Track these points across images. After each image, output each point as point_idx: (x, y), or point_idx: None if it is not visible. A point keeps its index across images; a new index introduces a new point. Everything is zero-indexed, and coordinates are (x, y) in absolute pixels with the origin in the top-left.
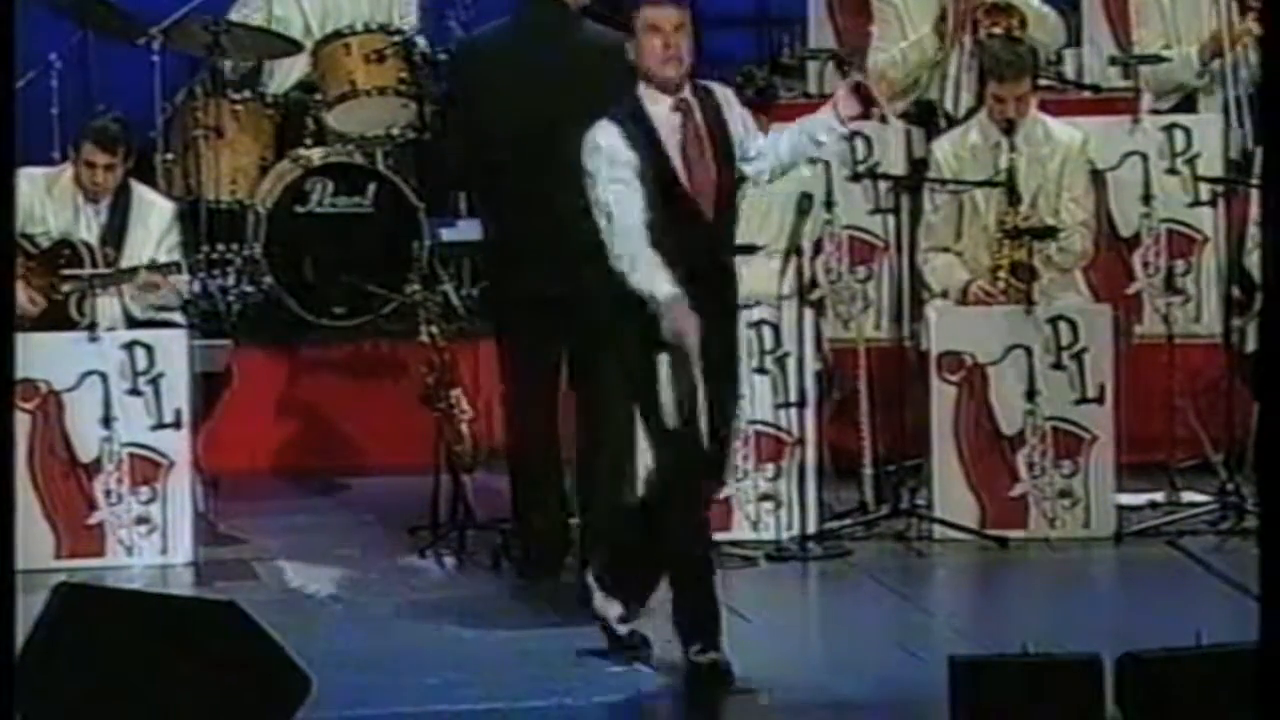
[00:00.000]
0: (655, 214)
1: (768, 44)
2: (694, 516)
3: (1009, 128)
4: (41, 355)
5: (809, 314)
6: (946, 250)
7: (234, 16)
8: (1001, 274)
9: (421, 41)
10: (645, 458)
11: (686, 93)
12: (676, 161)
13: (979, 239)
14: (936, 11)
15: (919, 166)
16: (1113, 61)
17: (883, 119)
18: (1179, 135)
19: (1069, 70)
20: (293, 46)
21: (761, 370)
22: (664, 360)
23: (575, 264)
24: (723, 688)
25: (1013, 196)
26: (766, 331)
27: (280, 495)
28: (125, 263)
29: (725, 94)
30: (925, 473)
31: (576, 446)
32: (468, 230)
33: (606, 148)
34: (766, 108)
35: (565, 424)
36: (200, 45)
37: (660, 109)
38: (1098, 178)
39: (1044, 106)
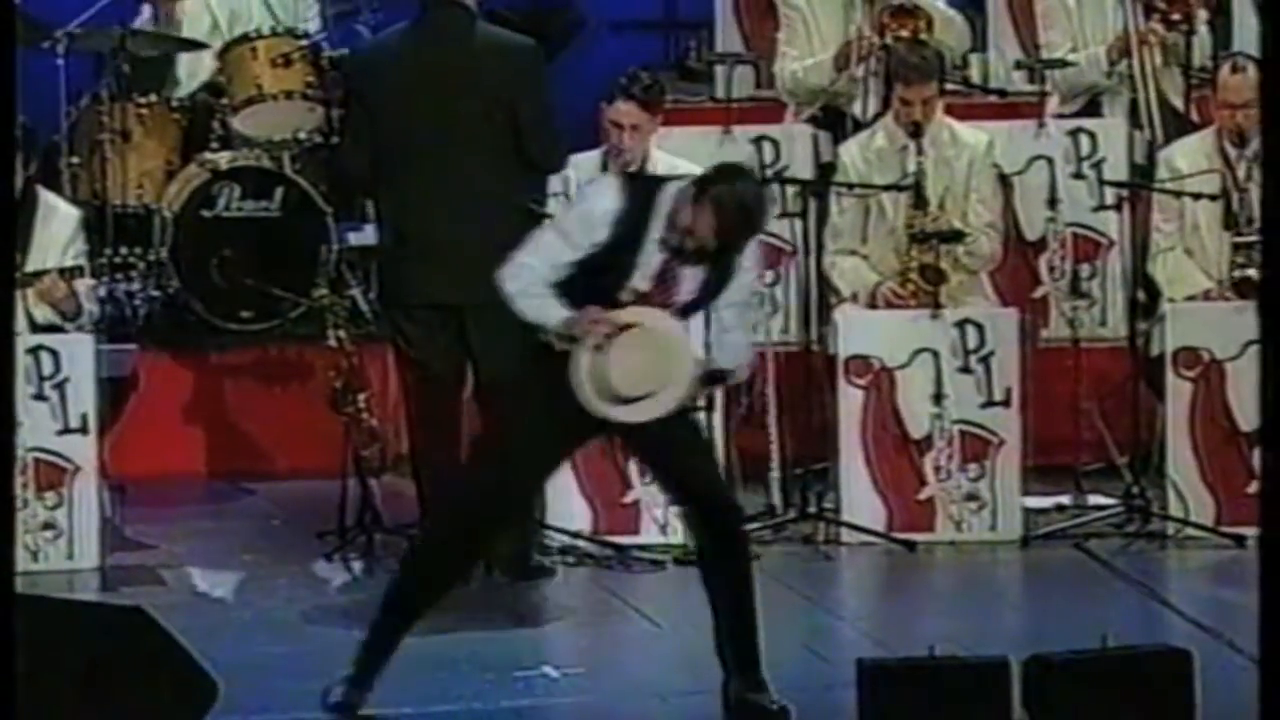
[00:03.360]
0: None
1: (674, 48)
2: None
3: (915, 131)
4: None
5: None
6: (853, 253)
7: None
8: (910, 276)
9: (328, 46)
10: None
11: None
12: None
13: (886, 242)
14: (843, 18)
15: (826, 170)
16: (1019, 65)
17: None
18: (1084, 139)
19: (975, 74)
20: (196, 49)
21: None
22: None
23: (471, 270)
24: None
25: (919, 200)
26: None
27: (187, 500)
28: (30, 267)
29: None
30: (832, 476)
31: None
32: (375, 234)
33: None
34: (653, 108)
35: (473, 425)
36: (105, 49)
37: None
38: (1004, 181)
39: (950, 110)
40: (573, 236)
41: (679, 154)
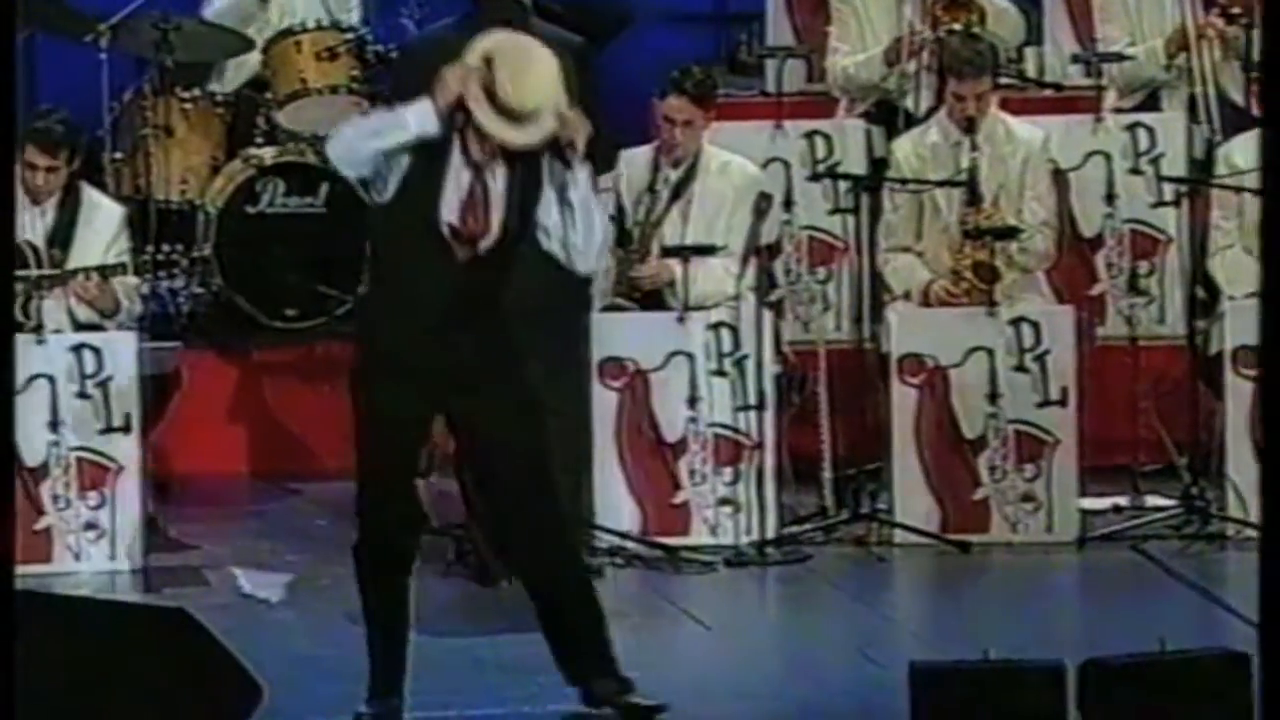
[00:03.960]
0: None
1: (725, 42)
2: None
3: (969, 126)
4: None
5: (768, 316)
6: (907, 250)
7: (207, 11)
8: (964, 274)
9: (374, 39)
10: None
11: None
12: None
13: (939, 239)
14: (895, 12)
15: (879, 166)
16: (1075, 59)
17: None
18: (1142, 134)
19: (1030, 68)
20: (243, 44)
21: (720, 373)
22: None
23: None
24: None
25: (974, 196)
26: (725, 333)
27: (231, 500)
28: (72, 264)
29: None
30: (886, 477)
31: None
32: None
33: None
34: (705, 103)
35: None
36: (148, 43)
37: None
38: (1060, 177)
39: (1005, 105)
40: (385, 122)
41: (730, 149)
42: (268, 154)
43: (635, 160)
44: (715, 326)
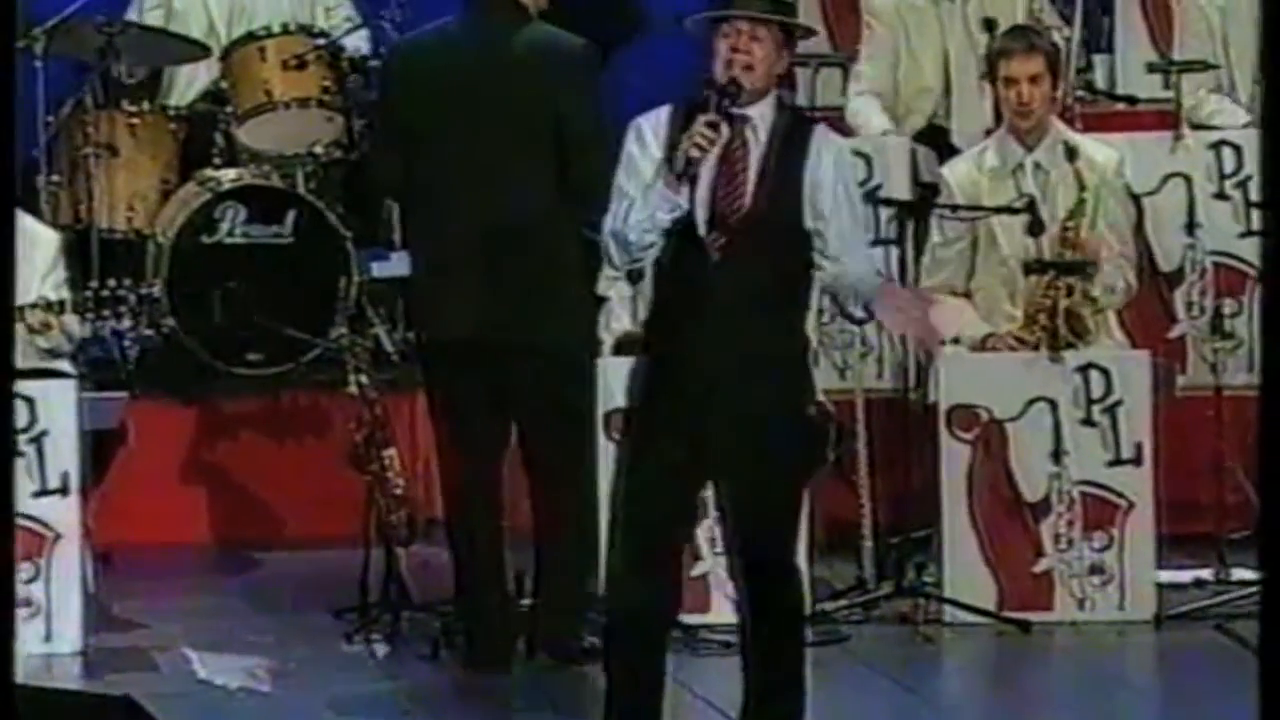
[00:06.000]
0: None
1: None
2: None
3: (1032, 138)
4: None
5: None
6: (954, 293)
7: (131, 14)
8: (1040, 319)
9: (350, 45)
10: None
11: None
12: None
13: (995, 274)
14: (939, 32)
15: (927, 191)
16: (1151, 69)
17: None
18: (1228, 154)
19: (1099, 79)
20: (198, 50)
21: None
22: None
23: (514, 304)
24: None
25: (1036, 225)
26: None
27: (183, 572)
28: None
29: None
30: (934, 546)
31: (533, 520)
32: (402, 264)
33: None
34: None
35: (517, 488)
36: (91, 49)
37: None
38: (1134, 203)
39: (1071, 121)
40: (635, 166)
41: None
42: (226, 176)
43: None
44: None
